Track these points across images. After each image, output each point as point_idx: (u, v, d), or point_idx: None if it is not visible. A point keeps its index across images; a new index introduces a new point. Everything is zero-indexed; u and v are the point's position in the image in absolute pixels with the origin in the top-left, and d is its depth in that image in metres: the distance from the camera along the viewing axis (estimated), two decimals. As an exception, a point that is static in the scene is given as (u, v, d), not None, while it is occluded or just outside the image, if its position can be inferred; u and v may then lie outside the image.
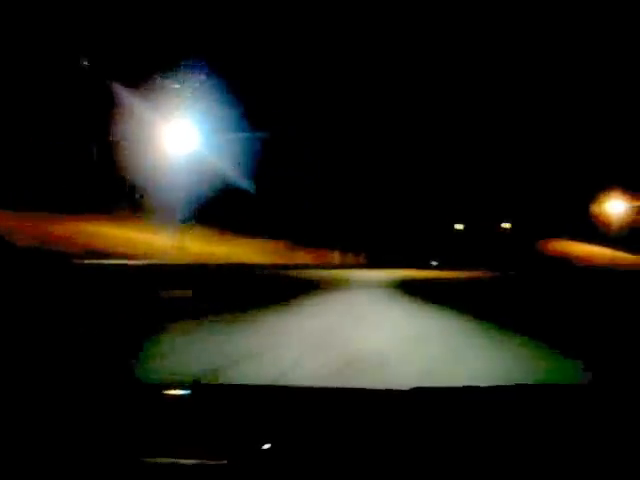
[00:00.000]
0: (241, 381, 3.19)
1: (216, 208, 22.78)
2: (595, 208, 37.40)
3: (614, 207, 37.27)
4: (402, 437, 1.27)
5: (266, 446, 1.16)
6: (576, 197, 37.28)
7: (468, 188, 39.53)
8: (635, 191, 34.55)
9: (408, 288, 13.37)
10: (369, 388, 1.80)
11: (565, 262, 35.52)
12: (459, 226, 43.09)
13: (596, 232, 36.71)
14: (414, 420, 1.40)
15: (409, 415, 1.45)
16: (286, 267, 22.21)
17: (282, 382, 3.08)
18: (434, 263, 38.12)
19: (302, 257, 29.45)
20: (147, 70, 17.26)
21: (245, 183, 22.58)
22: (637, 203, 34.89)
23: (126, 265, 14.72)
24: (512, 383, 1.79)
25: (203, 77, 18.54)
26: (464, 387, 1.71)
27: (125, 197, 21.17)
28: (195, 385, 2.42)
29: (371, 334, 5.91)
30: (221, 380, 3.76)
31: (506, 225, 41.95)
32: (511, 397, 1.63)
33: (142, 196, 20.84)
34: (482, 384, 1.72)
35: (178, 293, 8.94)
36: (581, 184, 35.58)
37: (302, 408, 1.51)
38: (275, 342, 5.32)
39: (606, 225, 36.88)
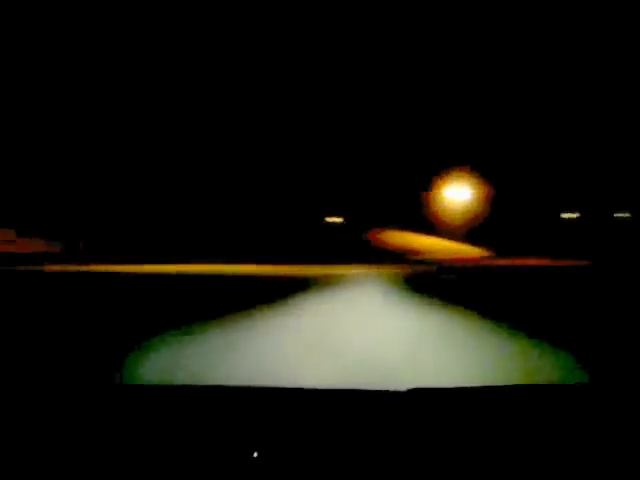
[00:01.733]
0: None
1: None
2: (435, 194, 33.12)
3: (457, 194, 33.37)
4: (400, 437, 1.51)
5: (265, 447, 1.36)
6: (412, 182, 32.19)
7: (291, 182, 31.32)
8: (485, 175, 30.92)
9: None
10: (367, 389, 2.02)
11: (400, 255, 29.85)
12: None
13: (440, 223, 32.41)
14: (412, 420, 1.66)
15: (407, 415, 1.70)
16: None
17: (278, 384, 2.71)
18: None
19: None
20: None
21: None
22: (485, 188, 31.24)
23: None
24: (510, 384, 2.17)
25: None
26: (462, 388, 2.05)
27: None
28: (184, 387, 2.32)
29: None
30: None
31: (336, 219, 34.94)
32: (508, 398, 1.91)
33: None
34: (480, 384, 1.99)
35: None
36: (417, 166, 30.47)
37: (300, 409, 1.75)
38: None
39: (449, 214, 32.88)
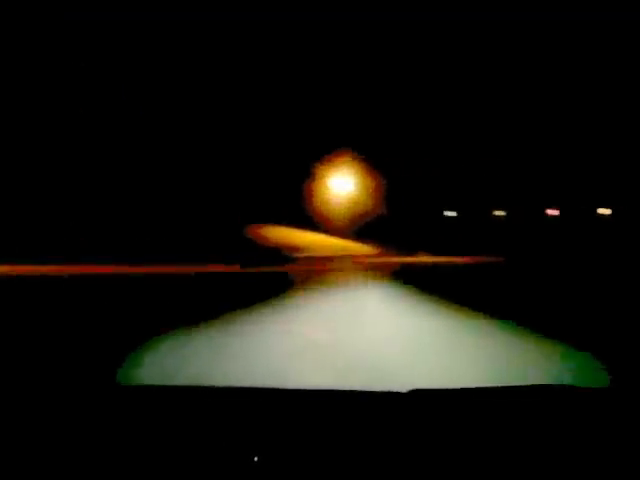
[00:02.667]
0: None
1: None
2: (319, 186, 30.16)
3: (343, 185, 30.81)
4: (401, 438, 1.39)
5: (264, 447, 1.27)
6: (292, 172, 29.15)
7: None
8: (376, 164, 28.29)
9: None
10: (367, 390, 1.90)
11: (277, 253, 26.90)
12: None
13: (326, 217, 29.68)
14: (412, 422, 1.55)
15: (407, 417, 1.59)
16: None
17: (277, 384, 2.70)
18: None
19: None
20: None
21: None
22: (375, 180, 28.81)
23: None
24: (511, 384, 1.93)
25: None
26: (462, 389, 1.89)
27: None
28: (186, 387, 2.20)
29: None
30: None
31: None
32: (509, 399, 1.78)
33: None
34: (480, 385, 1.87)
35: None
36: (299, 156, 27.51)
37: (299, 410, 1.65)
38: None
39: (335, 208, 30.22)
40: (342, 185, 30.79)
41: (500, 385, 1.91)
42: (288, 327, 6.64)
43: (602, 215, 27.82)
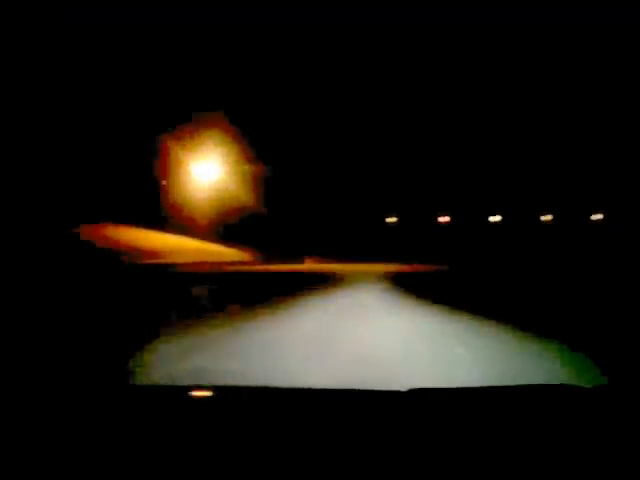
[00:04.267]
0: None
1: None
2: (176, 173, 22.50)
3: (207, 173, 23.26)
4: (401, 438, 1.31)
5: (265, 446, 1.22)
6: (138, 153, 21.85)
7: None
8: (255, 146, 21.24)
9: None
10: (366, 389, 1.80)
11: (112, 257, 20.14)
12: None
13: (187, 214, 22.42)
14: (412, 422, 1.44)
15: (407, 417, 1.49)
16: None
17: (278, 384, 2.41)
18: None
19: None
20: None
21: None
22: (253, 165, 22.00)
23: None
24: (512, 384, 1.88)
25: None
26: (463, 388, 1.79)
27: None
28: (193, 387, 1.97)
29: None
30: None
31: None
32: (511, 398, 1.67)
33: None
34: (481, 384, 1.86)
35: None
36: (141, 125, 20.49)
37: (298, 409, 1.55)
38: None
39: (197, 202, 22.66)
40: (209, 172, 23.14)
41: (499, 385, 1.90)
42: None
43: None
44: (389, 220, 29.14)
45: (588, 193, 25.05)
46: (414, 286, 11.77)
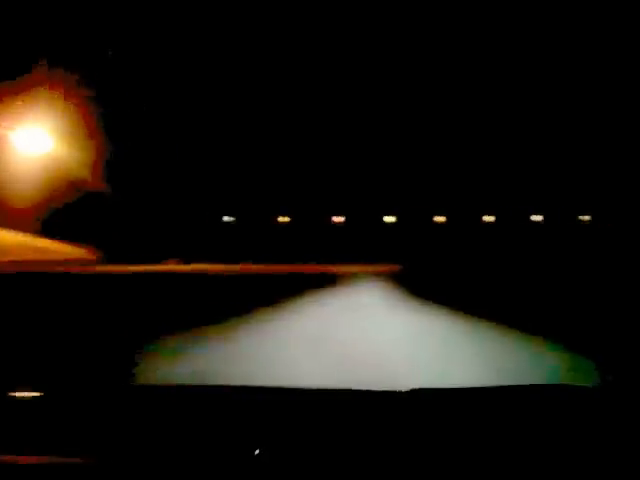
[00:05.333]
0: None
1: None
2: None
3: (32, 143, 16.67)
4: (401, 438, 1.29)
5: (262, 448, 1.19)
6: None
7: None
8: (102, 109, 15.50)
9: None
10: (366, 389, 1.82)
11: None
12: None
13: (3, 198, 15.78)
14: (412, 421, 1.42)
15: (407, 416, 1.47)
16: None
17: (278, 383, 2.49)
18: None
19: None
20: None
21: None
22: (94, 136, 15.84)
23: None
24: (511, 384, 1.88)
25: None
26: (462, 388, 1.79)
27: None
28: (187, 387, 2.16)
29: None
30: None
31: None
32: (509, 398, 1.66)
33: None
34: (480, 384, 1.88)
35: None
36: None
37: (298, 409, 1.54)
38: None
39: (17, 182, 16.17)
40: (36, 144, 16.73)
41: (498, 385, 1.89)
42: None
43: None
44: (280, 219, 25.58)
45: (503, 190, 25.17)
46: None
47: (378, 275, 14.86)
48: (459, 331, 6.46)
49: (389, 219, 26.60)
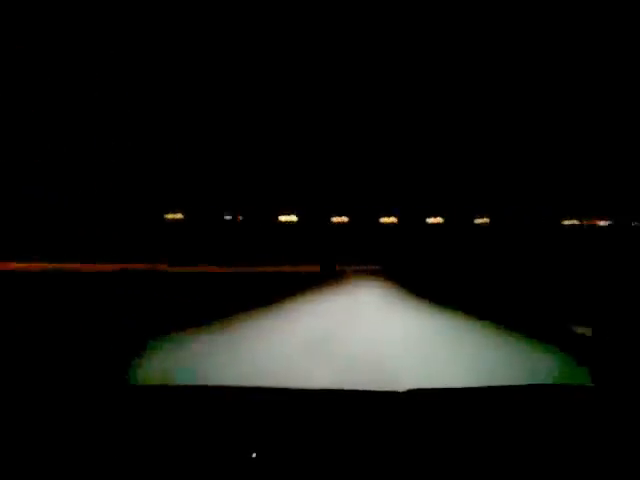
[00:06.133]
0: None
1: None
2: None
3: None
4: (399, 438, 1.31)
5: (264, 447, 1.22)
6: None
7: None
8: None
9: None
10: (364, 390, 1.87)
11: None
12: None
13: None
14: (409, 422, 1.42)
15: (404, 417, 1.48)
16: None
17: (277, 384, 2.48)
18: None
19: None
20: None
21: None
22: None
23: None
24: (510, 384, 1.89)
25: None
26: (460, 388, 1.81)
27: None
28: (189, 387, 2.08)
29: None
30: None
31: None
32: (508, 398, 1.68)
33: None
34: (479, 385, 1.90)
35: None
36: None
37: (297, 410, 1.55)
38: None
39: None
40: None
41: (497, 385, 1.90)
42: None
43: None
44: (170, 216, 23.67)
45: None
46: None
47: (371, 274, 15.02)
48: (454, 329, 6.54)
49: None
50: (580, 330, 6.63)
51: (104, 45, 19.17)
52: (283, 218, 27.88)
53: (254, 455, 1.20)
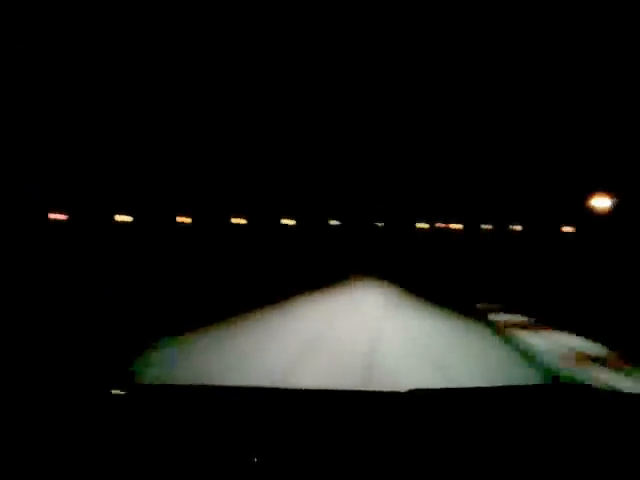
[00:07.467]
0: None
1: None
2: None
3: None
4: (400, 439, 1.32)
5: (264, 447, 1.22)
6: None
7: None
8: None
9: None
10: (364, 390, 1.96)
11: None
12: None
13: None
14: (410, 422, 1.44)
15: (405, 417, 1.50)
16: None
17: (278, 384, 2.77)
18: None
19: None
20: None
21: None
22: None
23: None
24: (510, 384, 1.93)
25: None
26: (461, 388, 1.87)
27: None
28: (191, 387, 2.03)
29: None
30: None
31: None
32: (508, 398, 1.68)
33: None
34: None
35: None
36: None
37: (298, 410, 1.56)
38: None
39: None
40: None
41: (497, 385, 1.92)
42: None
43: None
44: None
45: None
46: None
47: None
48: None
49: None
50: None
51: (111, 50, 19.31)
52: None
53: (255, 460, 1.18)
